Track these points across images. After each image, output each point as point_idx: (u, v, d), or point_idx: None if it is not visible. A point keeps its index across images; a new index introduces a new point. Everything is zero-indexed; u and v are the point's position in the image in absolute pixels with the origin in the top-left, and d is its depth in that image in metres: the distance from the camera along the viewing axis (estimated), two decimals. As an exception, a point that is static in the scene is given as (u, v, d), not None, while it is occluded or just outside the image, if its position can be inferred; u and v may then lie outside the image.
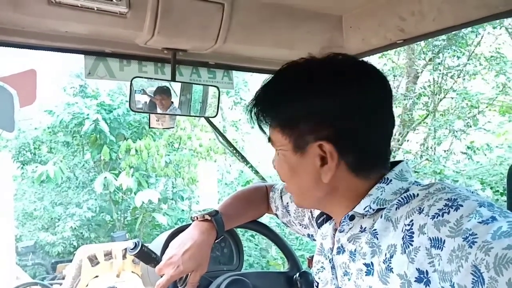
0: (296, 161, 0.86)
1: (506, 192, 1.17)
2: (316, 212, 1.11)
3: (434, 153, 8.02)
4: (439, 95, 7.71)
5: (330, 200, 0.88)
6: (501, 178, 6.50)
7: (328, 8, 1.49)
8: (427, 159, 7.88)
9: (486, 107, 7.44)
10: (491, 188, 6.47)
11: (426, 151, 8.16)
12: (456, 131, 7.46)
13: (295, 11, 1.47)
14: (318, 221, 1.04)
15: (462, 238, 0.63)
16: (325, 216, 1.01)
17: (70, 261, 3.75)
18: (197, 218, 1.18)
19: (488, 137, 7.45)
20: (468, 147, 7.35)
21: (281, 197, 1.28)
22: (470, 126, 7.44)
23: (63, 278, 3.77)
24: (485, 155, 7.29)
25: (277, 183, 1.36)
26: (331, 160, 0.81)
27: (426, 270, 0.69)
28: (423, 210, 0.72)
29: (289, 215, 1.26)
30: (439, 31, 1.33)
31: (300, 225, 1.23)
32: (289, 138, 0.85)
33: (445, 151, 7.94)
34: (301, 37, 1.52)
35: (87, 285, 3.18)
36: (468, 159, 7.36)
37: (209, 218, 1.16)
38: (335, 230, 0.92)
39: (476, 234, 0.62)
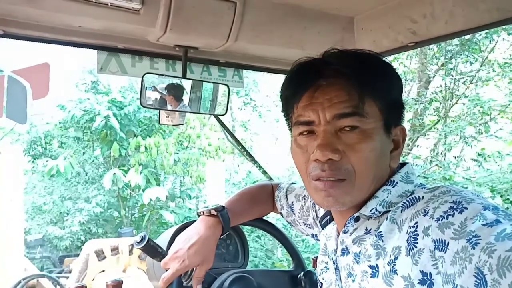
0: (384, 140, 0.82)
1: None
2: (321, 212, 1.11)
3: (444, 159, 7.96)
4: (450, 100, 7.65)
5: (373, 192, 0.84)
6: (511, 186, 6.42)
7: (340, 9, 1.49)
8: (436, 165, 7.82)
9: (498, 114, 7.36)
10: (501, 196, 6.39)
11: (436, 157, 8.10)
12: (467, 138, 7.40)
13: (307, 11, 1.47)
14: (322, 222, 1.04)
15: (466, 239, 0.63)
16: (328, 217, 1.01)
17: (77, 255, 3.78)
18: (203, 213, 1.18)
19: (500, 145, 7.37)
20: (479, 154, 7.28)
21: (286, 196, 1.28)
22: (482, 133, 7.37)
23: (70, 272, 3.80)
24: (496, 162, 7.21)
25: (283, 182, 1.37)
26: (402, 144, 0.86)
27: (430, 272, 0.69)
28: (428, 212, 0.72)
29: (294, 214, 1.26)
30: (451, 35, 1.32)
31: (305, 224, 1.23)
32: (384, 115, 0.82)
33: (455, 157, 7.88)
34: (312, 37, 1.52)
35: (93, 279, 3.20)
36: (479, 166, 7.29)
37: (215, 213, 1.17)
38: (339, 231, 0.92)
39: (479, 236, 0.62)
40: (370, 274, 0.80)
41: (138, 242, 1.11)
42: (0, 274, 4.15)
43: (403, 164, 0.88)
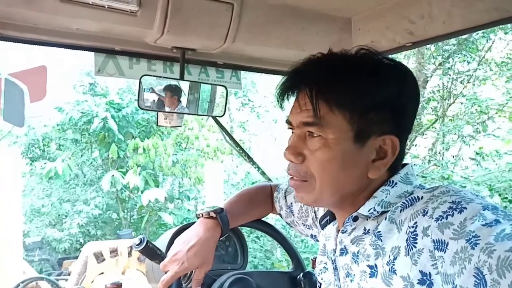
0: (352, 151, 0.80)
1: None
2: (320, 213, 1.11)
3: (442, 158, 7.98)
4: (448, 100, 7.67)
5: (353, 197, 0.84)
6: (509, 185, 6.44)
7: (337, 10, 1.49)
8: (435, 164, 7.84)
9: (496, 113, 7.39)
10: (500, 194, 6.41)
11: (434, 156, 8.12)
12: (465, 137, 7.42)
13: (304, 12, 1.47)
14: (322, 222, 1.04)
15: (465, 240, 0.63)
16: (328, 217, 1.01)
17: (76, 257, 3.78)
18: (202, 215, 1.18)
19: (497, 143, 7.39)
20: (477, 153, 7.30)
21: (285, 197, 1.28)
22: (479, 132, 7.39)
23: (69, 274, 3.80)
24: (494, 161, 7.23)
25: (282, 183, 1.37)
26: (391, 155, 0.82)
27: (429, 272, 0.69)
28: (427, 212, 0.72)
29: (293, 215, 1.26)
30: (448, 35, 1.32)
31: (304, 225, 1.23)
32: (354, 125, 0.79)
33: (453, 156, 7.91)
34: (310, 38, 1.52)
35: (92, 282, 3.20)
36: (477, 165, 7.31)
37: (214, 215, 1.17)
38: (338, 231, 0.92)
39: (479, 236, 0.62)
40: (369, 274, 0.80)
41: (137, 245, 1.11)
42: (-1, 277, 4.14)
43: (403, 165, 0.87)
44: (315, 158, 0.82)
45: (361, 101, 0.79)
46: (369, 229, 0.83)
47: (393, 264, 0.75)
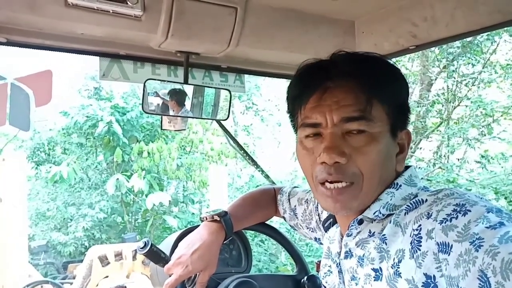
0: (390, 145, 0.82)
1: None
2: (324, 216, 1.11)
3: (447, 162, 7.94)
4: (453, 102, 7.63)
5: (378, 195, 0.83)
6: (515, 188, 6.40)
7: (340, 13, 1.49)
8: (440, 168, 7.80)
9: (501, 115, 7.34)
10: (505, 198, 6.36)
11: (439, 159, 8.08)
12: (470, 140, 7.39)
13: (308, 15, 1.47)
14: (325, 225, 1.04)
15: (469, 242, 0.63)
16: (331, 219, 1.01)
17: (81, 261, 3.79)
18: (206, 219, 1.19)
19: (503, 146, 7.35)
20: (482, 156, 7.26)
21: (289, 200, 1.28)
22: (485, 135, 7.35)
23: (74, 278, 3.81)
24: (500, 164, 7.18)
25: (285, 186, 1.37)
26: (408, 148, 0.86)
27: (434, 275, 0.69)
28: (431, 215, 0.71)
29: (297, 218, 1.26)
30: (452, 37, 1.32)
31: (307, 228, 1.23)
32: (390, 119, 0.81)
33: (458, 159, 7.86)
34: (314, 41, 1.52)
35: (97, 285, 3.21)
36: (482, 168, 7.27)
37: (218, 218, 1.17)
38: (342, 234, 0.92)
39: (483, 239, 0.62)
40: (374, 277, 0.80)
41: (141, 248, 1.11)
42: (5, 281, 4.15)
43: (406, 167, 0.88)
44: (363, 154, 0.79)
45: (397, 96, 0.83)
46: (374, 232, 0.83)
47: (398, 267, 0.74)
